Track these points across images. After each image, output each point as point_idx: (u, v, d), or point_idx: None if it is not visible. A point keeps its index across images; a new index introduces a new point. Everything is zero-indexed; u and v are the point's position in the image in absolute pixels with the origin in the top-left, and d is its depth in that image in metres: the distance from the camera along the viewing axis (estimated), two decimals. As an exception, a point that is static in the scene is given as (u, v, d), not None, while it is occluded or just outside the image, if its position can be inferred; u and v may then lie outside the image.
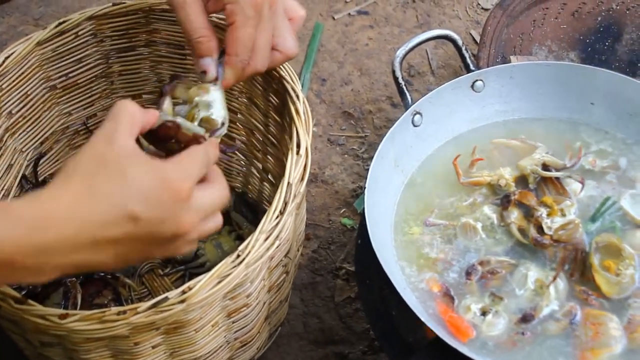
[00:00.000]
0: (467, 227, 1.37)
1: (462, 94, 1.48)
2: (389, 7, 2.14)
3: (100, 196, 0.94)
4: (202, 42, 1.19)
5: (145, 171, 0.96)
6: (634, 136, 1.47)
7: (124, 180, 0.95)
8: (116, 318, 1.09)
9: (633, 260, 1.31)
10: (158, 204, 0.96)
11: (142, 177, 0.96)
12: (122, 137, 0.98)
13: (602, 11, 1.87)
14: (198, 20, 1.18)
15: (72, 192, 0.94)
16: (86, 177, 0.95)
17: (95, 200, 0.94)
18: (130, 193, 0.95)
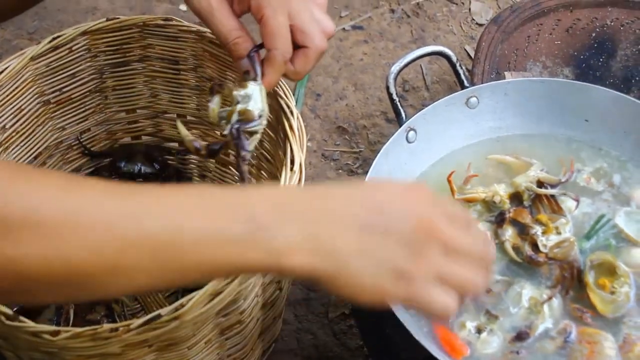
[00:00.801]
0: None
1: (457, 111, 1.48)
2: (384, 22, 2.14)
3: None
4: (238, 44, 1.19)
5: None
6: (628, 153, 1.47)
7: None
8: (108, 335, 1.08)
9: (628, 278, 1.30)
10: (405, 202, 0.96)
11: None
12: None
13: (597, 27, 1.87)
14: (230, 24, 1.18)
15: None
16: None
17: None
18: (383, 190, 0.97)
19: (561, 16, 1.86)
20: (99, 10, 2.13)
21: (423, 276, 0.93)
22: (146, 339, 1.10)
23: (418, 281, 0.93)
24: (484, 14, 2.17)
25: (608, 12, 1.88)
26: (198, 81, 1.53)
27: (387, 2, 2.19)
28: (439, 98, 1.48)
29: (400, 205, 0.95)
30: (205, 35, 1.44)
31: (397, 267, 0.92)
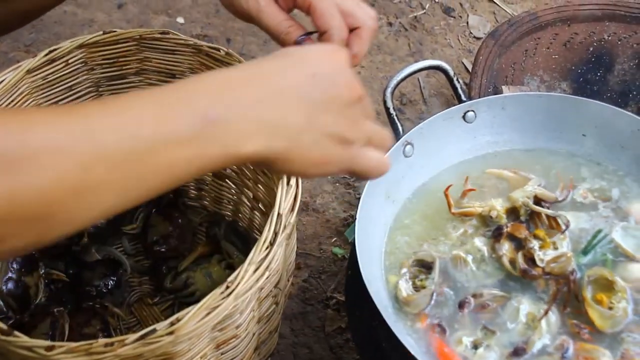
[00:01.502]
0: (458, 259, 1.36)
1: (454, 125, 1.48)
2: (381, 35, 2.14)
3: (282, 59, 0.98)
4: (290, 33, 1.19)
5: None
6: (625, 168, 1.47)
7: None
8: (103, 350, 1.07)
9: (625, 293, 1.30)
10: (331, 65, 0.98)
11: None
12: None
13: (594, 42, 1.87)
14: (279, 16, 1.19)
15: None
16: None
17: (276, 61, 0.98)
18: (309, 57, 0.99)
19: (559, 30, 1.87)
20: (95, 23, 2.13)
21: (360, 139, 0.99)
22: (141, 354, 1.09)
23: (356, 145, 0.98)
24: (481, 28, 2.17)
25: (605, 26, 1.88)
26: (194, 94, 1.52)
27: (384, 15, 2.19)
28: (436, 112, 1.48)
29: (329, 71, 0.98)
30: (202, 48, 1.44)
31: (339, 136, 0.96)
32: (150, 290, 1.61)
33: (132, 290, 1.59)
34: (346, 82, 0.98)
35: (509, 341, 1.27)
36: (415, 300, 1.31)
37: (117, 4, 2.19)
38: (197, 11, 2.18)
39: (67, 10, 2.16)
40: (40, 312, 1.39)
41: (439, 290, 1.32)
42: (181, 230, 1.60)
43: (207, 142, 0.88)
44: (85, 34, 1.45)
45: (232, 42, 2.11)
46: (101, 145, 0.83)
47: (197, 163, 0.89)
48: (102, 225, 1.59)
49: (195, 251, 1.61)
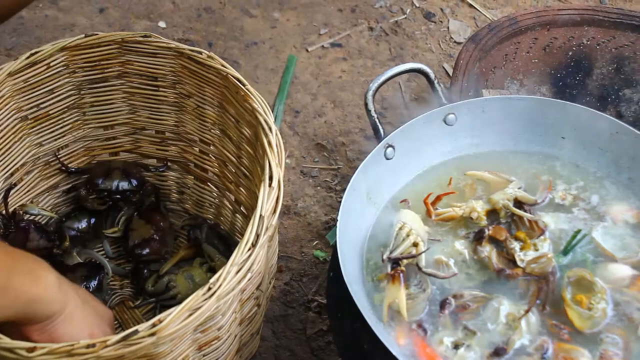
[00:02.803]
0: (440, 263, 1.36)
1: (435, 127, 1.49)
2: (362, 40, 2.15)
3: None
4: None
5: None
6: (604, 170, 1.48)
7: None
8: (85, 351, 1.07)
9: (605, 294, 1.31)
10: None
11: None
12: None
13: (573, 46, 1.89)
14: None
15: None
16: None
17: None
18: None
19: (538, 35, 1.88)
20: (77, 27, 2.13)
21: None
22: (123, 355, 1.09)
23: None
24: (462, 33, 2.18)
25: (584, 31, 1.90)
26: (177, 97, 1.53)
27: (366, 20, 2.20)
28: (417, 115, 1.48)
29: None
30: (184, 51, 1.45)
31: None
32: (131, 293, 1.60)
33: (113, 293, 1.59)
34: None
35: (489, 341, 1.28)
36: (413, 308, 1.31)
37: (98, 9, 2.19)
38: (178, 16, 2.18)
39: (49, 15, 2.15)
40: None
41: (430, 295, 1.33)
42: (163, 233, 1.60)
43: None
44: (66, 37, 1.45)
45: (214, 46, 2.11)
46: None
47: None
48: (83, 228, 1.59)
49: (176, 254, 1.61)
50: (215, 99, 1.47)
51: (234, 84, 1.40)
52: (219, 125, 1.50)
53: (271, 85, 2.04)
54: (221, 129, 1.50)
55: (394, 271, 1.32)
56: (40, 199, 1.58)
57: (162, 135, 1.59)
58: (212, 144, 1.54)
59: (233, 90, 1.41)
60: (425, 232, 1.38)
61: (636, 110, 1.82)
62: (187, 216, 1.67)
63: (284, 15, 2.20)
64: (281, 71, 2.07)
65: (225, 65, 1.42)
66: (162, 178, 1.65)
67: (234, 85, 1.40)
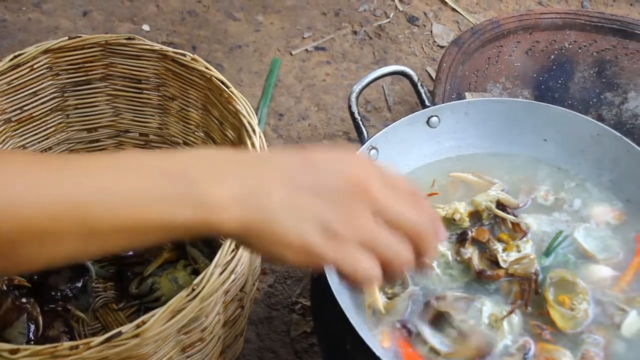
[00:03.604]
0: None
1: (418, 130, 1.49)
2: (346, 44, 2.16)
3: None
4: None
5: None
6: (585, 172, 1.49)
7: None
8: (68, 353, 1.07)
9: (587, 294, 1.32)
10: (346, 164, 0.94)
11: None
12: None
13: (555, 49, 1.90)
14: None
15: None
16: None
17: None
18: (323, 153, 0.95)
19: (520, 38, 1.89)
20: (60, 30, 2.12)
21: (351, 238, 0.90)
22: (106, 357, 1.09)
23: (345, 243, 0.90)
24: (445, 36, 2.19)
25: (566, 34, 1.91)
26: (161, 100, 1.53)
27: (349, 23, 2.21)
28: (400, 118, 1.49)
29: (335, 165, 0.92)
30: (168, 54, 1.45)
31: (326, 226, 0.89)
32: (115, 296, 1.60)
33: (97, 296, 1.59)
34: (344, 176, 0.91)
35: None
36: (395, 307, 1.31)
37: (82, 12, 2.19)
38: (162, 19, 2.18)
39: (32, 18, 2.15)
40: (14, 309, 1.38)
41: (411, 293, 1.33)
42: (147, 236, 1.60)
43: (180, 202, 0.85)
44: (50, 40, 1.44)
45: (198, 49, 2.11)
46: (74, 197, 0.84)
47: (165, 221, 0.86)
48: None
49: (160, 257, 1.60)
50: (199, 101, 1.48)
51: (217, 87, 1.40)
52: (202, 127, 1.51)
53: (255, 89, 2.04)
54: (205, 132, 1.50)
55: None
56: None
57: (146, 137, 1.59)
58: (196, 147, 1.54)
59: (217, 93, 1.41)
60: None
61: (617, 114, 1.84)
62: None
63: (267, 19, 2.21)
64: (265, 74, 2.07)
65: (209, 68, 1.42)
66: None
67: (217, 88, 1.40)
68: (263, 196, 0.88)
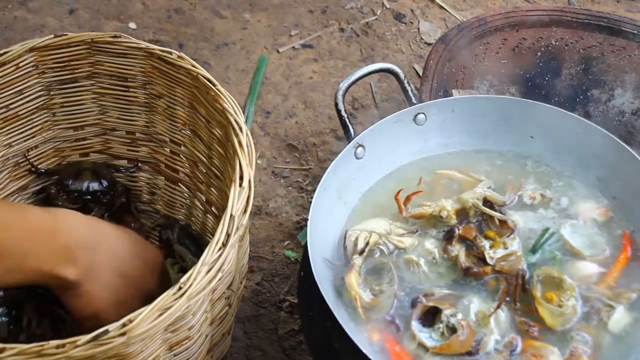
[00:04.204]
0: (410, 262, 1.37)
1: (405, 127, 1.49)
2: (333, 41, 2.16)
3: None
4: None
5: None
6: (571, 169, 1.49)
7: None
8: (55, 352, 1.07)
9: (574, 291, 1.32)
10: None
11: None
12: None
13: (542, 47, 1.90)
14: None
15: None
16: None
17: None
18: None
19: (507, 35, 1.89)
20: (46, 28, 2.12)
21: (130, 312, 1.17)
22: (93, 355, 1.09)
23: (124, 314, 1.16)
24: (432, 34, 2.20)
25: (553, 32, 1.91)
26: (147, 98, 1.52)
27: (336, 21, 2.21)
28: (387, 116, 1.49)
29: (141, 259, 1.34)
30: (154, 52, 1.44)
31: (124, 302, 1.29)
32: (102, 294, 1.60)
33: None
34: (145, 274, 1.34)
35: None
36: (380, 304, 1.32)
37: (68, 10, 2.18)
38: (149, 17, 2.18)
39: (18, 16, 2.14)
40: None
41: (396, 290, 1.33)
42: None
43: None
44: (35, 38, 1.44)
45: (185, 47, 2.11)
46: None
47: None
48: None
49: (148, 255, 1.60)
50: (186, 99, 1.47)
51: (204, 84, 1.39)
52: (189, 125, 1.50)
53: (242, 86, 2.04)
54: (192, 130, 1.50)
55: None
56: (10, 200, 1.57)
57: (133, 135, 1.59)
58: (182, 145, 1.54)
59: (203, 91, 1.41)
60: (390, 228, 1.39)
61: (604, 111, 1.84)
62: (158, 217, 1.67)
63: (254, 16, 2.20)
64: (252, 72, 2.07)
65: (196, 66, 1.42)
66: (132, 179, 1.65)
67: (204, 86, 1.40)
68: (97, 273, 1.24)
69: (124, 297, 1.28)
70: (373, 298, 1.32)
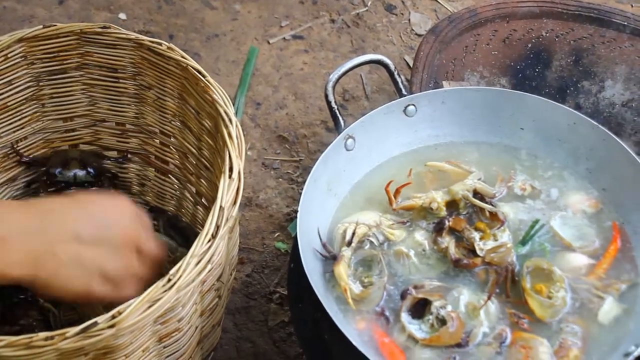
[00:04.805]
0: (400, 254, 1.37)
1: (395, 118, 1.49)
2: (324, 32, 2.16)
3: None
4: None
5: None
6: (562, 160, 1.50)
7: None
8: (44, 344, 1.06)
9: (563, 282, 1.33)
10: (113, 213, 1.22)
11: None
12: None
13: (532, 38, 1.90)
14: None
15: None
16: None
17: None
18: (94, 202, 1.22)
19: (498, 27, 1.89)
20: (36, 19, 2.11)
21: (127, 281, 1.18)
22: (82, 347, 1.09)
23: (123, 285, 1.18)
24: (423, 25, 2.19)
25: (543, 23, 1.91)
26: (137, 89, 1.52)
27: (327, 12, 2.20)
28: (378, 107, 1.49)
29: (111, 218, 1.18)
30: (144, 43, 1.44)
31: (106, 274, 1.16)
32: (92, 286, 1.59)
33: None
34: (123, 229, 1.18)
35: (450, 330, 1.29)
36: (370, 296, 1.32)
37: (58, 0, 2.17)
38: (139, 7, 2.17)
39: (7, 6, 2.13)
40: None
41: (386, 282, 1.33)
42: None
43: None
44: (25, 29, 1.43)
45: (175, 38, 2.10)
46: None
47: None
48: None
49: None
50: (176, 90, 1.47)
51: (194, 76, 1.39)
52: (179, 116, 1.50)
53: (232, 78, 2.03)
54: (182, 121, 1.50)
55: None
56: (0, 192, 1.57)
57: (123, 127, 1.58)
58: (172, 136, 1.53)
59: (193, 82, 1.40)
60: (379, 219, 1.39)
61: (594, 102, 1.84)
62: (147, 208, 1.67)
63: (245, 7, 2.20)
64: (242, 63, 2.06)
65: (185, 57, 1.41)
66: (122, 170, 1.64)
67: (194, 77, 1.39)
68: (47, 257, 1.11)
69: (102, 262, 1.16)
70: (363, 290, 1.32)
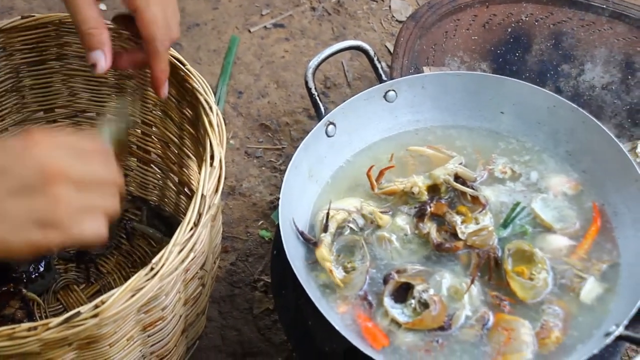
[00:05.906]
0: (382, 239, 1.38)
1: (375, 104, 1.50)
2: (305, 20, 2.15)
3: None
4: (92, 35, 1.18)
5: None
6: (542, 143, 1.50)
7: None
8: (27, 334, 1.06)
9: (545, 264, 1.33)
10: (18, 156, 1.01)
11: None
12: None
13: (512, 22, 1.91)
14: (88, 12, 1.18)
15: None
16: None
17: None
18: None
19: (477, 12, 1.89)
20: (15, 10, 2.10)
21: (66, 217, 1.00)
22: (65, 337, 1.09)
23: (64, 223, 1.00)
24: (403, 11, 2.20)
25: (523, 7, 1.92)
26: (117, 79, 1.52)
27: (308, 0, 2.20)
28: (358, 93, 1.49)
29: (23, 161, 1.00)
30: (122, 33, 1.43)
31: (41, 220, 0.99)
32: (76, 277, 1.59)
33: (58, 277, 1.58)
34: (34, 169, 0.99)
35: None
36: (352, 281, 1.32)
37: (37, -8, 2.16)
38: (119, -2, 2.16)
39: (-14, -1, 2.13)
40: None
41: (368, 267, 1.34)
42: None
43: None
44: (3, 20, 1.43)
45: (155, 28, 2.10)
46: None
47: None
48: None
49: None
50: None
51: (174, 65, 1.39)
52: (160, 106, 1.50)
53: (214, 67, 2.03)
54: (162, 110, 1.50)
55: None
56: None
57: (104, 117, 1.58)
58: (154, 125, 1.53)
59: (173, 71, 1.40)
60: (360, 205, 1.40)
61: (574, 85, 1.85)
62: (130, 198, 1.67)
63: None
64: (224, 52, 2.06)
65: (165, 46, 1.41)
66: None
67: (174, 66, 1.39)
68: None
69: (26, 209, 1.00)
70: (345, 275, 1.33)
